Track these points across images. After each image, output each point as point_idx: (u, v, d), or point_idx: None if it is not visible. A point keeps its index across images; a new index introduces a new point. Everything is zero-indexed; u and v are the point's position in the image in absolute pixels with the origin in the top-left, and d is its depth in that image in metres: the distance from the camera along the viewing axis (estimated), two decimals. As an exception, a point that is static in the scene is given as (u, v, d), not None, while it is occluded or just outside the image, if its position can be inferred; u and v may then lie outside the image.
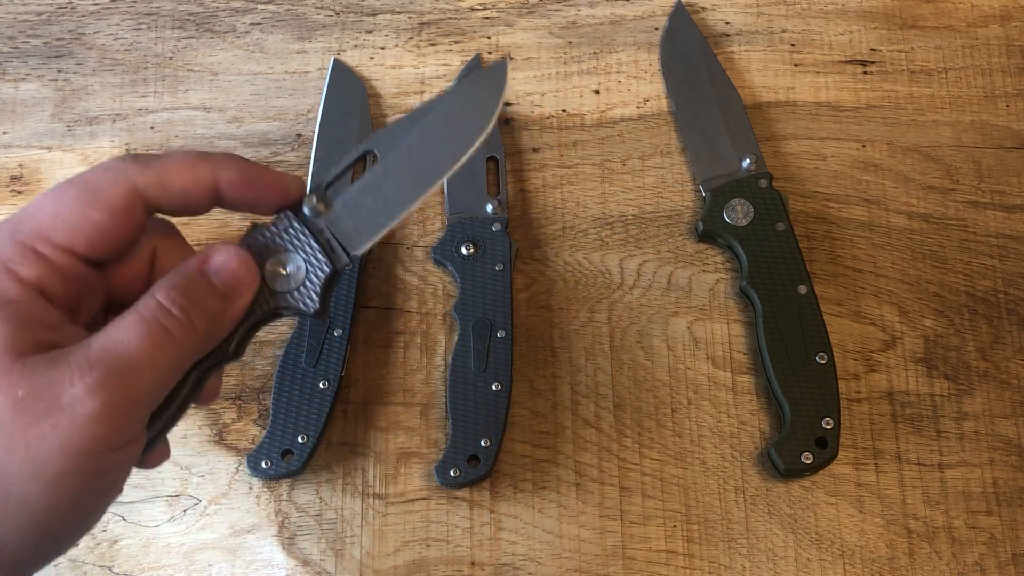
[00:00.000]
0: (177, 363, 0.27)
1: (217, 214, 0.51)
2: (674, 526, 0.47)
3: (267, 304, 0.32)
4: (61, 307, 0.27)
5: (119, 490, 0.27)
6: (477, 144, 0.33)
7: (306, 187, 0.33)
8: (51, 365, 0.24)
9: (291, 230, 0.32)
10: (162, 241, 0.31)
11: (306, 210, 0.32)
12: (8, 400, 0.23)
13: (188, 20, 0.57)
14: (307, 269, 0.32)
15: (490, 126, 0.33)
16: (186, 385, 0.29)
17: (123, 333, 0.26)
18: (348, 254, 0.33)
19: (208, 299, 0.28)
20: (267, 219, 0.32)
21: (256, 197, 0.31)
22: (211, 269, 0.29)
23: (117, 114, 0.55)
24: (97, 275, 0.29)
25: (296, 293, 0.32)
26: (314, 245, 0.32)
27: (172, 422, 0.30)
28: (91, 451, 0.24)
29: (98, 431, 0.24)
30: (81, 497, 0.25)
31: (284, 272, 0.32)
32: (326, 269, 0.32)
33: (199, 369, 0.30)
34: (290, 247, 0.32)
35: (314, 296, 0.32)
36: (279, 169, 0.53)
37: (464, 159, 0.33)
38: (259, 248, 0.32)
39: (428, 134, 0.33)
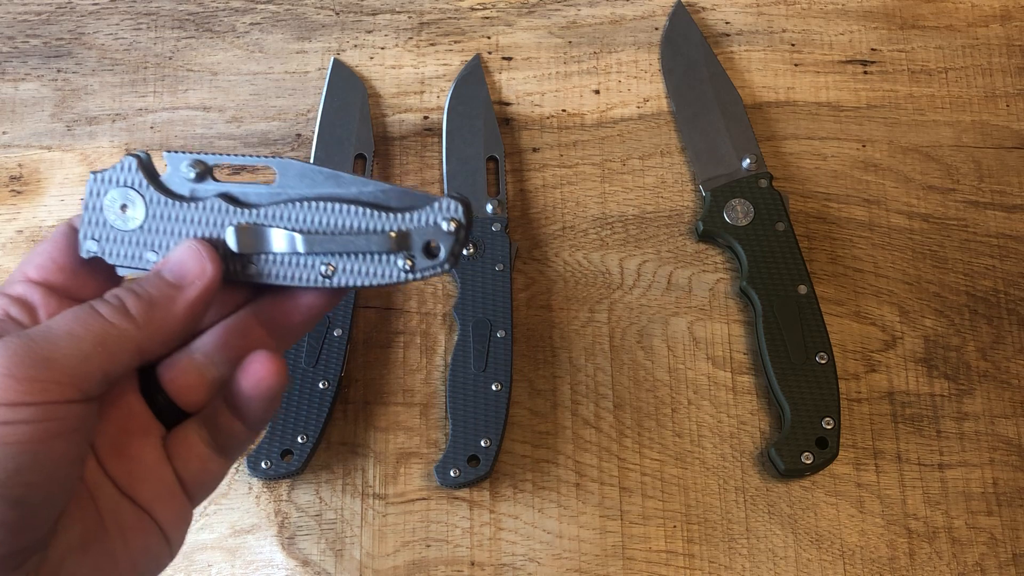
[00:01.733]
0: (104, 340, 0.27)
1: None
2: (674, 526, 0.47)
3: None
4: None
5: (66, 465, 0.26)
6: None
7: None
8: None
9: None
10: None
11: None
12: None
13: (188, 20, 0.57)
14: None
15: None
16: None
17: (52, 318, 0.27)
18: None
19: (151, 290, 0.29)
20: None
21: None
22: (166, 264, 0.30)
23: (117, 114, 0.55)
24: None
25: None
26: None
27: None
28: None
29: (1, 382, 0.25)
30: (1, 450, 0.25)
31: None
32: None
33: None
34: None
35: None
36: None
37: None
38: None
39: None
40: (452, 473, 0.46)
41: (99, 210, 0.31)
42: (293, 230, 0.30)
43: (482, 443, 0.46)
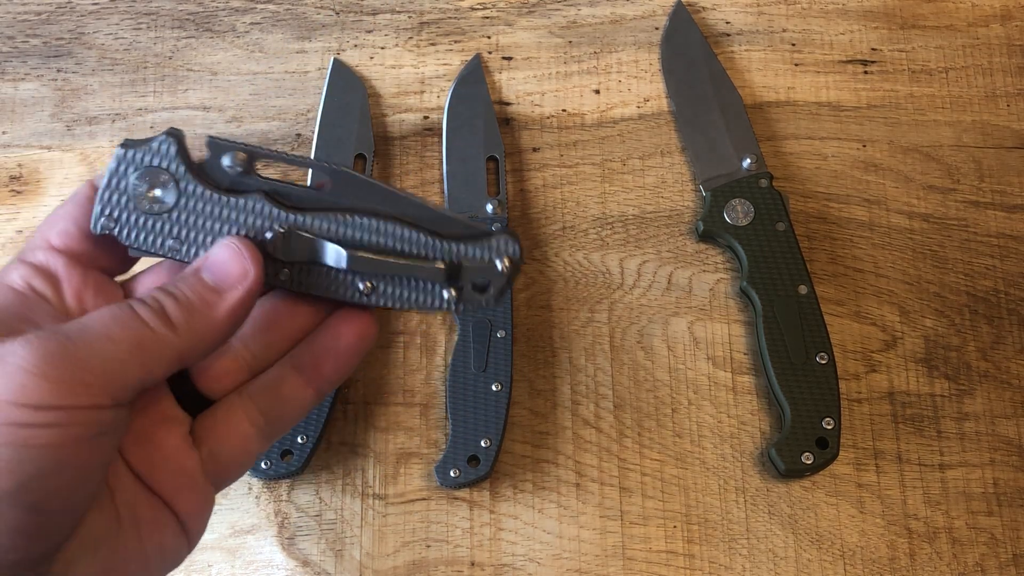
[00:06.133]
0: (143, 345, 0.26)
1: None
2: (674, 526, 0.47)
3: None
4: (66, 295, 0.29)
5: (91, 471, 0.25)
6: None
7: None
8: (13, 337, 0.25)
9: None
10: None
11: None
12: None
13: (188, 20, 0.57)
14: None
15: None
16: None
17: (88, 315, 0.26)
18: None
19: (191, 294, 0.28)
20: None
21: None
22: (205, 264, 0.28)
23: (117, 114, 0.55)
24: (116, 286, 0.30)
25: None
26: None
27: None
28: (23, 402, 0.23)
29: (31, 382, 0.23)
30: (22, 452, 0.23)
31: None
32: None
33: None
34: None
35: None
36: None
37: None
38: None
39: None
40: (452, 473, 0.46)
41: (123, 187, 0.29)
42: (341, 244, 0.28)
43: (482, 443, 0.46)
